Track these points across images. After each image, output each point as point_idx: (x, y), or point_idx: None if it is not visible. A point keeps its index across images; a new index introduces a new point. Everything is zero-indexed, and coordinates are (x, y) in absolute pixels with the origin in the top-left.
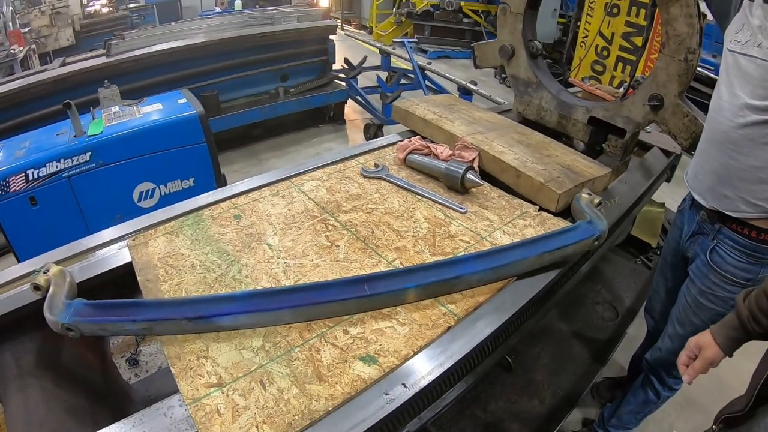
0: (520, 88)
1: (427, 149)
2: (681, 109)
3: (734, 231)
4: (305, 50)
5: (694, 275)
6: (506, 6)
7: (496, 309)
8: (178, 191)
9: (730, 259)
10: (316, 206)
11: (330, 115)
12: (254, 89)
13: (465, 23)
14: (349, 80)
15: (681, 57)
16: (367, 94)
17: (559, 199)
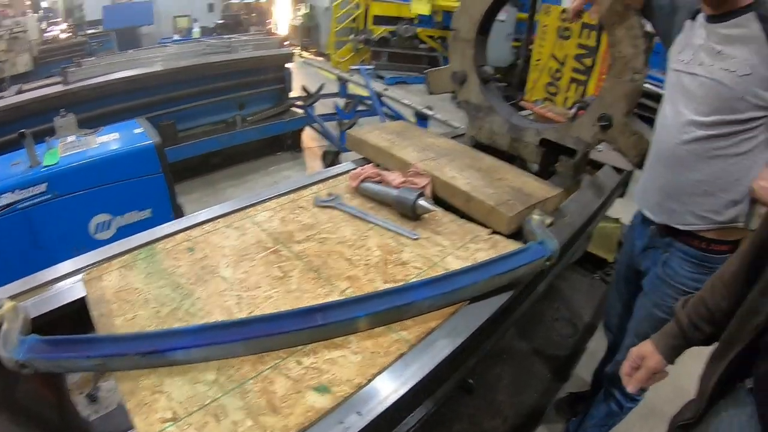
0: (472, 112)
1: (379, 177)
2: (629, 127)
3: (684, 243)
4: (262, 78)
5: (647, 288)
6: (457, 32)
7: (448, 333)
8: (135, 222)
9: (682, 270)
10: (269, 237)
11: (288, 143)
12: (212, 118)
13: (421, 49)
14: (306, 108)
15: (627, 77)
16: (325, 121)
17: (509, 221)
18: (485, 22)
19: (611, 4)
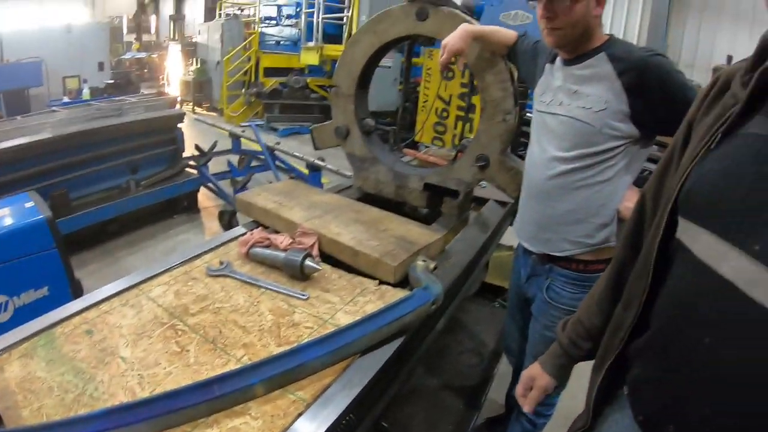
0: (357, 164)
1: (267, 241)
2: (506, 164)
3: (564, 268)
4: (155, 140)
5: (536, 313)
6: (338, 88)
7: (343, 387)
8: (32, 302)
9: (565, 292)
10: (164, 312)
11: (184, 205)
12: (105, 184)
13: (312, 99)
14: (200, 167)
15: (499, 119)
16: (219, 179)
17: (395, 270)
18: (364, 76)
19: (479, 53)
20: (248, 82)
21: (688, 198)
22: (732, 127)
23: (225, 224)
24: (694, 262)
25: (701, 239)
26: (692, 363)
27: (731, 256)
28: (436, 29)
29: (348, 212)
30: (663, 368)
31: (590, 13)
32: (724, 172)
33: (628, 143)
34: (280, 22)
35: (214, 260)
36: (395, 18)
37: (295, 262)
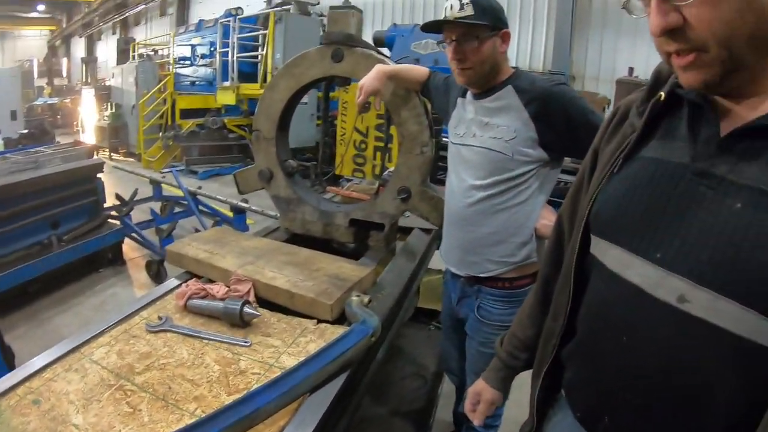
0: (283, 206)
1: (204, 291)
2: (427, 194)
3: (491, 287)
4: (74, 192)
5: (471, 332)
6: (259, 133)
7: (298, 427)
8: None
9: (495, 310)
10: (110, 374)
11: (109, 258)
12: (25, 241)
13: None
14: (122, 218)
15: (417, 152)
16: (143, 229)
17: (331, 309)
18: (284, 119)
19: (394, 90)
20: (165, 125)
21: (596, 218)
22: (631, 153)
23: (153, 275)
24: (606, 273)
25: (610, 253)
26: (615, 360)
27: (636, 265)
28: (351, 70)
29: (279, 255)
30: (591, 369)
31: (497, 51)
32: (625, 192)
33: (539, 166)
34: (194, 62)
35: (153, 316)
36: (312, 60)
37: (234, 310)
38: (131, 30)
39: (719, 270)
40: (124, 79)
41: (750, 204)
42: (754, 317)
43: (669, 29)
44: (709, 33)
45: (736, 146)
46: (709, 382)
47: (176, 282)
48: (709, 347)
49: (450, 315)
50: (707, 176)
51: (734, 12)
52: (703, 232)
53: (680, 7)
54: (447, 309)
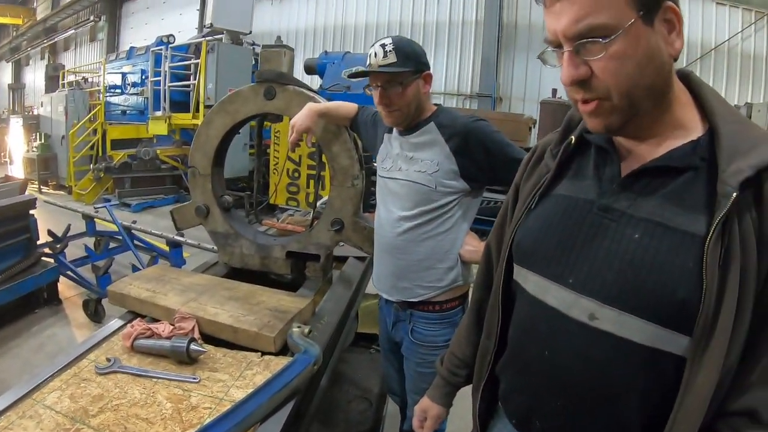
0: (221, 241)
1: (149, 331)
2: (359, 225)
3: (423, 311)
4: (6, 230)
5: (407, 354)
6: (195, 169)
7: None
8: None
9: (428, 332)
10: (65, 419)
11: (44, 297)
12: None
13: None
14: (56, 256)
15: (348, 184)
16: (78, 266)
17: (274, 341)
18: (219, 155)
19: (325, 126)
20: (96, 157)
21: (518, 248)
22: (546, 190)
23: (91, 313)
24: (528, 297)
25: (531, 279)
26: (540, 371)
27: (553, 290)
28: (284, 106)
29: (220, 291)
30: (521, 380)
31: (420, 92)
32: (541, 226)
33: (461, 196)
34: (125, 90)
35: (101, 357)
36: (245, 98)
37: (182, 348)
38: (60, 56)
39: (622, 291)
40: (54, 108)
41: (646, 234)
42: (654, 328)
43: (578, 80)
44: (613, 85)
45: (634, 184)
46: (619, 384)
47: (120, 322)
48: (618, 356)
49: (387, 339)
50: (610, 211)
51: (637, 67)
52: (608, 258)
53: (589, 60)
54: (384, 333)
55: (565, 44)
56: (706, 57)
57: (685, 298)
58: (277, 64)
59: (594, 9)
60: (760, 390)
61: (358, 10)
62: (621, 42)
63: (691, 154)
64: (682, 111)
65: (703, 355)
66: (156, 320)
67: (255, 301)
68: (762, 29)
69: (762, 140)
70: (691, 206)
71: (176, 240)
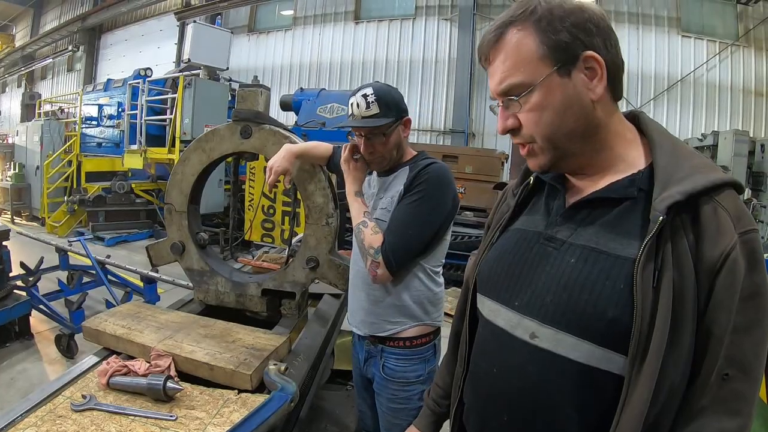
0: (196, 278)
1: (125, 368)
2: (334, 263)
3: (393, 346)
4: None
5: (378, 390)
6: (171, 206)
7: None
8: None
9: (399, 367)
10: None
11: (15, 331)
12: None
13: (138, 203)
14: (29, 289)
15: (323, 222)
16: (51, 300)
17: (251, 379)
18: (195, 192)
19: (300, 166)
20: (70, 188)
21: (479, 278)
22: (505, 226)
23: (63, 349)
24: (483, 321)
25: (486, 304)
26: (488, 387)
27: (502, 312)
28: (259, 145)
29: (197, 328)
30: (475, 398)
31: (401, 137)
32: (496, 257)
33: None
34: (101, 122)
35: (76, 394)
36: (221, 136)
37: (158, 386)
38: (37, 84)
39: (557, 311)
40: (29, 138)
41: (581, 259)
42: (589, 346)
43: (508, 130)
44: (535, 132)
45: (576, 215)
46: (556, 398)
47: (95, 359)
48: (555, 371)
49: (360, 375)
50: (553, 240)
51: (555, 115)
52: (547, 282)
53: (515, 113)
54: (356, 369)
55: (498, 100)
56: (672, 88)
57: (615, 317)
58: (254, 103)
59: (513, 70)
60: (710, 419)
61: (334, 47)
62: (536, 95)
63: (629, 186)
64: (625, 148)
65: (638, 374)
66: (132, 357)
67: (231, 339)
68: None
69: (699, 169)
70: (625, 232)
71: (151, 276)
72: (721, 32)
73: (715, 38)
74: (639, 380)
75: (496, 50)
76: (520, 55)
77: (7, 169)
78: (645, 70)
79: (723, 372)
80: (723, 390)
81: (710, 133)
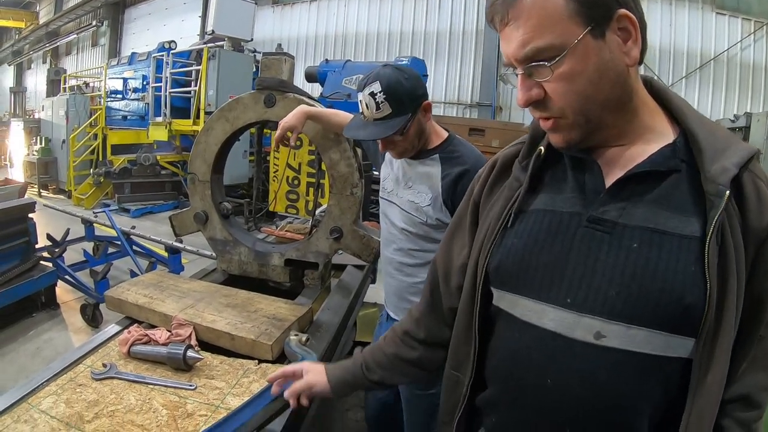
0: (219, 247)
1: (146, 337)
2: (358, 233)
3: None
4: (6, 233)
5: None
6: (194, 176)
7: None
8: None
9: None
10: (60, 423)
11: (42, 301)
12: None
13: (163, 175)
14: (55, 260)
15: (348, 192)
16: (77, 270)
17: (272, 349)
18: (219, 162)
19: (323, 133)
20: (96, 161)
21: (498, 272)
22: (522, 207)
23: (88, 318)
24: (518, 324)
25: (520, 303)
26: (541, 403)
27: (549, 312)
28: (283, 114)
29: (218, 298)
30: (517, 413)
31: (422, 124)
32: (524, 246)
33: None
34: (126, 96)
35: (97, 363)
36: (245, 105)
37: (178, 355)
38: (62, 60)
39: (627, 304)
40: (55, 112)
41: (644, 242)
42: (664, 336)
43: (531, 102)
44: (565, 104)
45: (621, 192)
46: (629, 398)
47: (117, 328)
48: (627, 370)
49: None
50: (601, 222)
51: (589, 84)
52: (608, 272)
53: (541, 82)
54: None
55: (518, 67)
56: (705, 66)
57: (691, 303)
58: (278, 72)
59: (538, 32)
60: (749, 376)
61: (360, 19)
62: (568, 62)
63: (672, 156)
64: (651, 116)
65: (711, 354)
66: (153, 326)
67: (253, 309)
68: (761, 39)
69: (732, 140)
70: (680, 209)
71: (175, 246)
72: (757, 10)
73: (751, 16)
74: (713, 361)
75: (515, 8)
76: (546, 12)
77: (33, 144)
78: (677, 47)
79: (760, 334)
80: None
81: (743, 114)
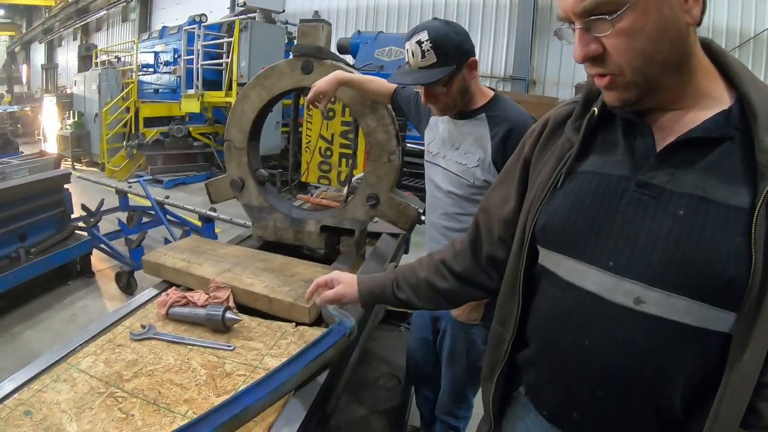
0: (255, 214)
1: (185, 299)
2: (394, 201)
3: None
4: (42, 204)
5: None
6: (231, 143)
7: (286, 422)
8: None
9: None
10: (99, 382)
11: (77, 270)
12: None
13: (196, 147)
14: (90, 229)
15: (385, 159)
16: (111, 239)
17: (309, 312)
18: (255, 129)
19: (361, 100)
20: (129, 134)
21: (544, 231)
22: (572, 167)
23: (123, 286)
24: (561, 283)
25: (563, 263)
26: (578, 362)
27: (591, 274)
28: None
29: (255, 262)
30: (555, 371)
31: (467, 81)
32: (572, 207)
33: None
34: (157, 69)
35: (136, 324)
36: (282, 72)
37: (217, 317)
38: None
39: (669, 271)
40: (87, 87)
41: (690, 210)
42: (704, 308)
43: (589, 57)
44: (624, 62)
45: (671, 158)
46: (664, 367)
47: (155, 291)
48: (665, 339)
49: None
50: (648, 187)
51: (649, 42)
52: (651, 238)
53: (600, 37)
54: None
55: (575, 21)
56: (745, 45)
57: (735, 275)
58: (315, 39)
59: None
60: None
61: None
62: (629, 17)
63: (725, 124)
64: (707, 80)
65: (750, 331)
66: (191, 290)
67: (290, 273)
68: None
69: None
70: (730, 178)
71: (209, 215)
72: None
73: None
74: (752, 338)
75: None
76: None
77: (66, 118)
78: (716, 24)
79: None
80: None
81: None
